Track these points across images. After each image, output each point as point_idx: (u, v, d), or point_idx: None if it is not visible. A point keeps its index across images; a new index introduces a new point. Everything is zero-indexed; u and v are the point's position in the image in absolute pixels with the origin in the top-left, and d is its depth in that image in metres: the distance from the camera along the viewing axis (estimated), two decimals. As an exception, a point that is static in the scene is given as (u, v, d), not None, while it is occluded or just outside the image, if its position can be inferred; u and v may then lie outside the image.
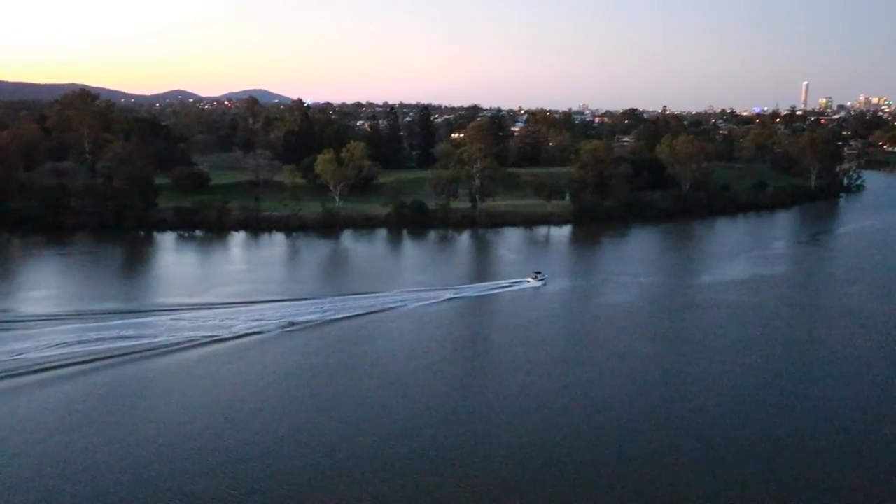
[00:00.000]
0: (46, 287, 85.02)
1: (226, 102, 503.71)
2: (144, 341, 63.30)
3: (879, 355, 65.34)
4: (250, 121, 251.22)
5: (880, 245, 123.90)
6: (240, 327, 68.33)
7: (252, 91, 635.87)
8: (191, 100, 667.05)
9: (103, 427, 45.98)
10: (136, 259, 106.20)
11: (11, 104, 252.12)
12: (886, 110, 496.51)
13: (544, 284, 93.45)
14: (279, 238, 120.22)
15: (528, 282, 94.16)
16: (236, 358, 61.24)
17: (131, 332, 65.71)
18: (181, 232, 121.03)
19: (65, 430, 45.38)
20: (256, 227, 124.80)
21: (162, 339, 64.19)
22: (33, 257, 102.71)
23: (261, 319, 71.30)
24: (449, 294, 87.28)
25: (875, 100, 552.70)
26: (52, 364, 57.09)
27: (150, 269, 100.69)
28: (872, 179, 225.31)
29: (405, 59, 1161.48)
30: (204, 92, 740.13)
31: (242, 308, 75.43)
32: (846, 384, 57.86)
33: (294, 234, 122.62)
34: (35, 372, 55.41)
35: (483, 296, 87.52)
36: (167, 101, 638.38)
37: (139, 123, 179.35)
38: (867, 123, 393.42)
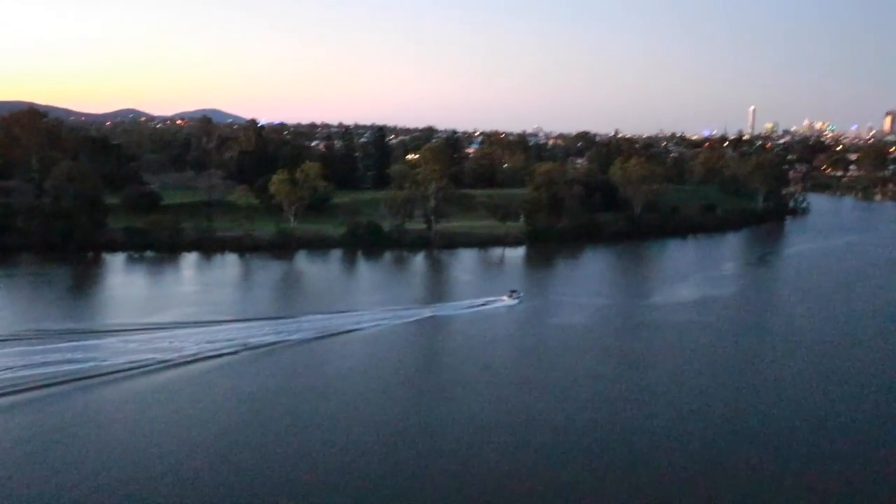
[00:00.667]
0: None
1: (178, 121, 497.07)
2: (92, 364, 60.74)
3: (822, 375, 66.31)
4: (203, 140, 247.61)
5: (824, 267, 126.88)
6: (192, 350, 66.32)
7: (205, 110, 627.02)
8: (142, 118, 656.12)
9: (45, 457, 44.35)
10: (85, 280, 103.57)
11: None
12: (829, 135, 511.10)
13: (520, 302, 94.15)
14: (232, 259, 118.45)
15: (504, 300, 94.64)
16: (187, 383, 59.40)
17: (79, 355, 63.29)
18: (132, 253, 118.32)
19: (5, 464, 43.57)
20: (209, 247, 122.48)
21: (111, 362, 61.64)
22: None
23: (214, 341, 69.44)
24: (428, 312, 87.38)
25: (818, 125, 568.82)
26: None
27: (99, 290, 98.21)
28: (817, 202, 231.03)
29: (360, 81, 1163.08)
30: (156, 111, 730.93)
31: (195, 329, 73.23)
32: (790, 404, 58.65)
33: (248, 254, 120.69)
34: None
35: (457, 314, 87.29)
36: (118, 119, 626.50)
37: (89, 142, 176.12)
38: (811, 148, 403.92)
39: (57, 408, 52.30)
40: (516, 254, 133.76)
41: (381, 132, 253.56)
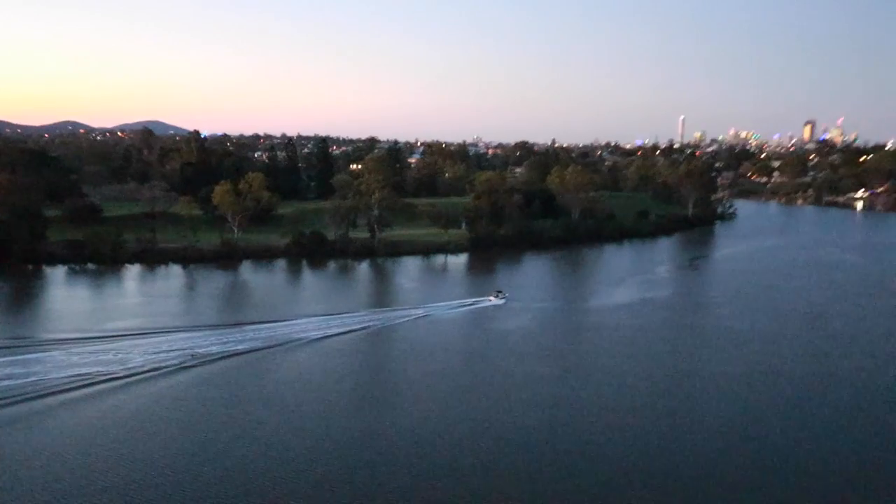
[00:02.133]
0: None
1: (119, 133, 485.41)
2: (33, 379, 59.22)
3: (751, 371, 67.85)
4: (145, 152, 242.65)
5: (750, 269, 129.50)
6: (138, 361, 64.73)
7: (146, 122, 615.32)
8: (82, 130, 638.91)
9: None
10: (24, 293, 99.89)
11: None
12: (753, 144, 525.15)
13: (505, 302, 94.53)
14: (176, 270, 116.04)
15: (491, 300, 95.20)
16: (133, 396, 57.99)
17: (18, 370, 61.39)
18: (72, 265, 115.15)
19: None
20: (152, 259, 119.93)
21: (52, 376, 59.89)
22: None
23: (159, 352, 67.95)
24: (421, 311, 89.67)
25: (743, 134, 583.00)
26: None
27: (40, 302, 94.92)
28: (743, 207, 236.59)
29: (303, 93, 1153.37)
30: (96, 122, 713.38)
31: (140, 340, 71.40)
32: (721, 399, 59.87)
33: (192, 265, 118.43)
34: None
35: (448, 313, 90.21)
36: (57, 131, 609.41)
37: (26, 154, 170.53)
38: (737, 156, 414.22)
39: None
40: (459, 260, 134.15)
41: (324, 143, 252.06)
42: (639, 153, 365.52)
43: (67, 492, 40.46)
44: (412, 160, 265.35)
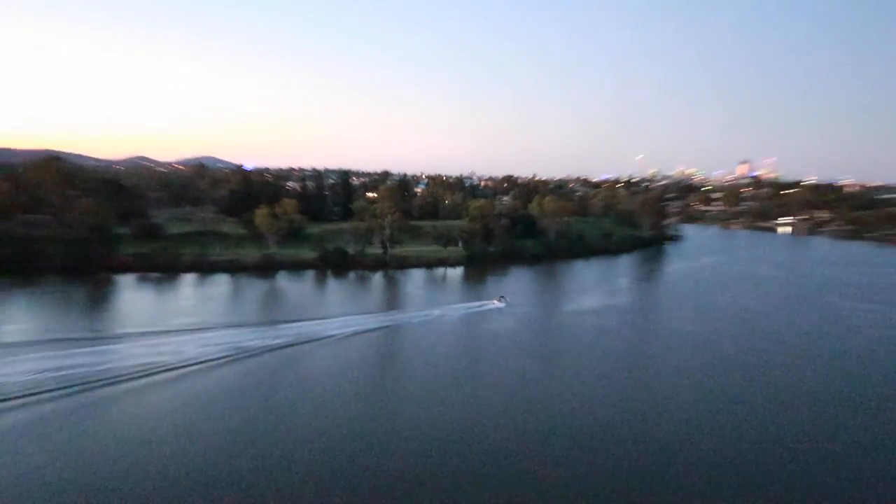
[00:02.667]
0: (16, 321, 79.07)
1: (179, 166, 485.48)
2: (106, 367, 59.26)
3: (696, 363, 68.37)
4: (199, 182, 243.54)
5: (693, 281, 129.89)
6: (191, 353, 64.80)
7: (201, 157, 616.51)
8: (149, 164, 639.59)
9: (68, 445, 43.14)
10: (99, 296, 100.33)
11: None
12: (697, 179, 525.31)
13: (506, 306, 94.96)
14: (223, 278, 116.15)
15: (495, 303, 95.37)
16: (188, 383, 57.93)
17: (94, 360, 61.21)
18: (139, 274, 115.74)
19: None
20: (204, 269, 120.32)
21: (121, 364, 59.77)
22: (3, 294, 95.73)
23: (209, 346, 68.16)
24: (438, 311, 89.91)
25: (689, 171, 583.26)
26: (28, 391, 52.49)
27: (111, 303, 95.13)
28: (689, 231, 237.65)
29: (329, 133, 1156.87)
30: (160, 157, 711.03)
31: (192, 336, 71.26)
32: (674, 393, 60.18)
33: (236, 274, 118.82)
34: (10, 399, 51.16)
35: (461, 313, 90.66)
36: (129, 164, 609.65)
37: (103, 183, 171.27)
38: (684, 188, 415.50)
39: (71, 405, 51.05)
40: (456, 272, 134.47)
41: (346, 175, 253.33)
42: (604, 185, 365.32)
43: (135, 462, 40.69)
44: (418, 190, 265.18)
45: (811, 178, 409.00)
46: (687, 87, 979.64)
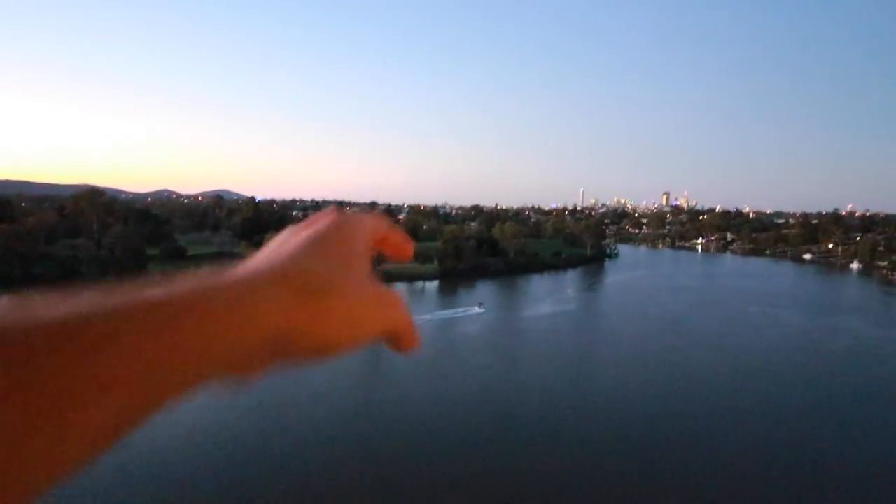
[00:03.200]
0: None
1: (199, 198, 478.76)
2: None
3: (629, 359, 68.58)
4: (217, 211, 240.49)
5: (628, 291, 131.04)
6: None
7: (219, 190, 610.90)
8: (174, 195, 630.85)
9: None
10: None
11: (38, 198, 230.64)
12: (629, 207, 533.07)
13: (484, 311, 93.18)
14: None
15: (475, 309, 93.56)
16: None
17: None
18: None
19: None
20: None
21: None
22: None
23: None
24: (428, 316, 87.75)
25: (623, 200, 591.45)
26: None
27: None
28: (623, 250, 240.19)
29: (326, 168, 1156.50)
30: (183, 190, 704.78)
31: None
32: (617, 385, 60.53)
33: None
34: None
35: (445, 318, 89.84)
36: (157, 196, 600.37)
37: (135, 212, 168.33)
38: (619, 215, 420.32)
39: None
40: (433, 285, 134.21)
41: (340, 205, 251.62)
42: (554, 213, 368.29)
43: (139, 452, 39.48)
44: (401, 217, 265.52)
45: (720, 206, 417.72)
46: (616, 131, 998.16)
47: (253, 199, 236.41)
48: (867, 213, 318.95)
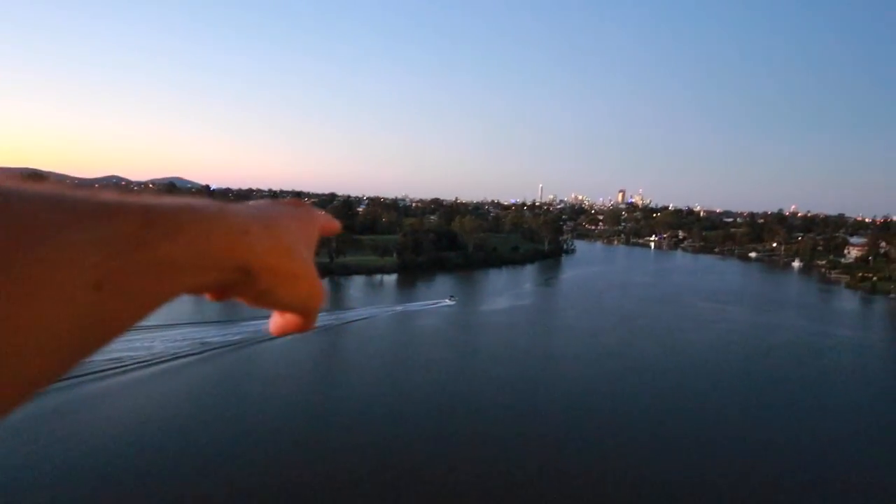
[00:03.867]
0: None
1: (150, 185, 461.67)
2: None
3: (584, 351, 69.97)
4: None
5: (583, 285, 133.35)
6: (159, 348, 61.51)
7: (172, 177, 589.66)
8: (123, 182, 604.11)
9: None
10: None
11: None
12: (586, 204, 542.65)
13: (455, 304, 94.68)
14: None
15: (446, 302, 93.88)
16: (158, 373, 55.29)
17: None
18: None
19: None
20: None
21: (95, 359, 56.41)
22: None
23: (174, 342, 64.29)
24: (401, 308, 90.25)
25: (580, 197, 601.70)
26: None
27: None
28: (580, 245, 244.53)
29: (283, 158, 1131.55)
30: (133, 177, 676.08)
31: (159, 333, 65.04)
32: (562, 368, 61.67)
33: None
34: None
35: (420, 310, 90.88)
36: (105, 182, 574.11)
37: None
38: (576, 211, 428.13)
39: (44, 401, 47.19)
40: (391, 278, 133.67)
41: (298, 195, 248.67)
42: (512, 208, 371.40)
43: (117, 453, 38.19)
44: (360, 209, 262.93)
45: (673, 204, 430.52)
46: (575, 128, 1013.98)
47: (207, 187, 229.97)
48: (808, 214, 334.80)
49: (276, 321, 0.81)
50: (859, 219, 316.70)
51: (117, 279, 0.46)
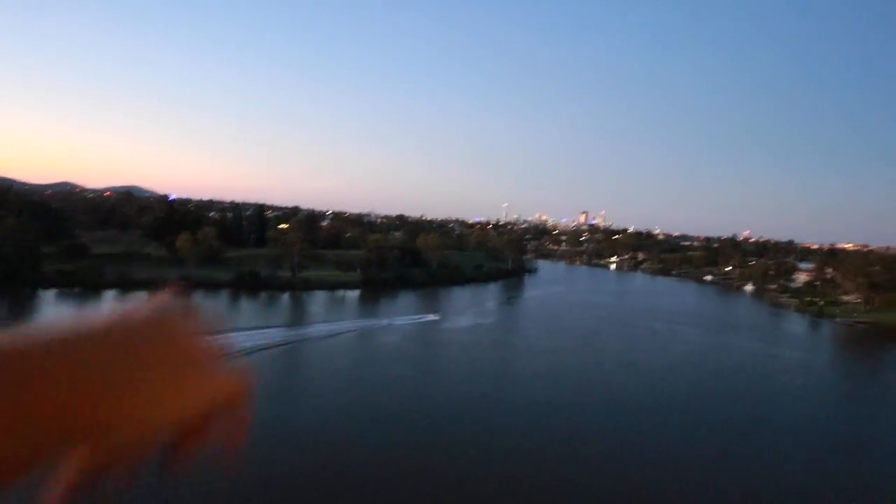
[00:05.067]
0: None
1: (107, 193, 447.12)
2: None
3: (545, 369, 70.79)
4: (126, 207, 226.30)
5: (544, 305, 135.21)
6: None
7: (128, 186, 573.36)
8: (77, 189, 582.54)
9: None
10: (21, 308, 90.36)
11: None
12: (549, 224, 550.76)
13: (440, 319, 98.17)
14: (144, 295, 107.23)
15: (431, 316, 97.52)
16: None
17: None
18: (63, 289, 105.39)
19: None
20: (127, 286, 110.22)
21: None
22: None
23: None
24: (385, 322, 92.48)
25: (543, 217, 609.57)
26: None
27: (33, 315, 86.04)
28: (542, 265, 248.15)
29: (246, 171, 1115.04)
30: (88, 184, 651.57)
31: None
32: (524, 385, 62.35)
33: (156, 292, 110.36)
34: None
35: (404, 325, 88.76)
36: (58, 189, 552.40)
37: (30, 205, 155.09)
38: (539, 231, 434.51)
39: None
40: (354, 294, 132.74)
41: (261, 208, 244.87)
42: (477, 226, 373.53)
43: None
44: (324, 223, 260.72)
45: (633, 227, 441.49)
46: (540, 150, 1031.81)
47: (166, 197, 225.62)
48: (761, 240, 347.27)
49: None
50: (807, 245, 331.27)
51: None
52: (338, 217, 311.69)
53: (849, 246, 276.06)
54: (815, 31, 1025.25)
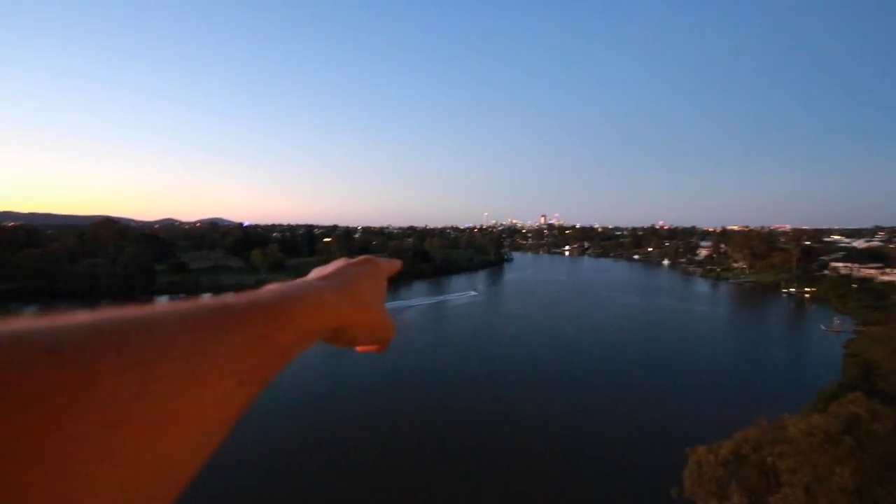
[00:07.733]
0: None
1: (198, 224, 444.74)
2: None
3: (522, 332, 70.44)
4: (212, 234, 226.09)
5: (520, 285, 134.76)
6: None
7: (214, 218, 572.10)
8: (176, 223, 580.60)
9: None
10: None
11: (61, 227, 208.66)
12: (518, 225, 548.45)
13: (477, 295, 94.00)
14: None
15: (472, 293, 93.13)
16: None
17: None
18: (172, 296, 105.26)
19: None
20: (217, 290, 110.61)
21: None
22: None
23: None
24: (430, 300, 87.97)
25: (514, 220, 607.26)
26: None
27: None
28: (516, 256, 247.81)
29: (298, 200, 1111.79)
30: (185, 218, 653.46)
31: None
32: (508, 347, 61.63)
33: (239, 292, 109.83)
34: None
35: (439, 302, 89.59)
36: (163, 224, 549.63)
37: (144, 236, 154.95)
38: (512, 231, 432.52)
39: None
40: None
41: (310, 228, 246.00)
42: (467, 231, 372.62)
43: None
44: (356, 235, 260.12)
45: (579, 223, 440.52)
46: (509, 166, 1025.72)
47: (241, 224, 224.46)
48: (672, 227, 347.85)
49: (360, 348, 0.77)
50: (706, 229, 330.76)
51: (252, 372, 0.44)
52: (366, 230, 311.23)
53: (736, 227, 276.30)
54: (722, 33, 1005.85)
